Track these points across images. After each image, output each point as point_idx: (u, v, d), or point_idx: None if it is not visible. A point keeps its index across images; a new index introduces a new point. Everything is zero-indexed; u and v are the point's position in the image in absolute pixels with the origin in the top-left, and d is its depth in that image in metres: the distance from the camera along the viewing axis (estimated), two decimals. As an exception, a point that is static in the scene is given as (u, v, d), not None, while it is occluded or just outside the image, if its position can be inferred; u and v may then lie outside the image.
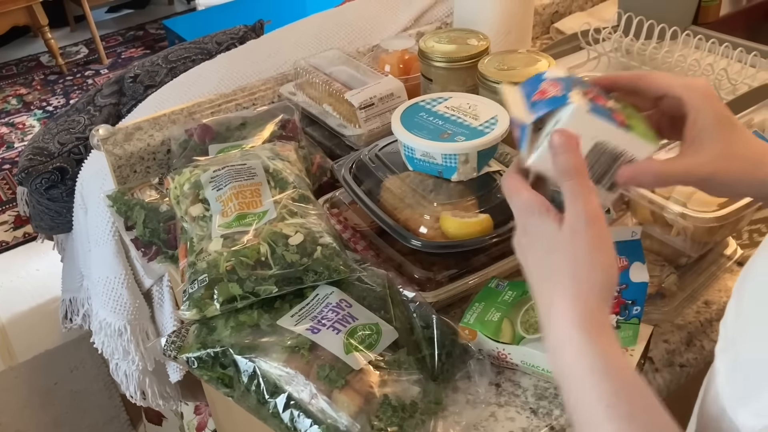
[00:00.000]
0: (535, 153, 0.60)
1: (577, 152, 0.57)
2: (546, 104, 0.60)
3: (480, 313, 0.81)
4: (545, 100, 0.61)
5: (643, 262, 0.71)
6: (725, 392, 0.47)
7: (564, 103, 0.59)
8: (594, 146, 0.60)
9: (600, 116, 0.59)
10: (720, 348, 0.49)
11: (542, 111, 0.60)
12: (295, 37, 1.45)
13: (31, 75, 3.93)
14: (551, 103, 0.60)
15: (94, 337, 1.31)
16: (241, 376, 0.76)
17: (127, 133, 1.11)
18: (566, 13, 1.53)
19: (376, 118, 1.07)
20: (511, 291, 0.83)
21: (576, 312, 0.52)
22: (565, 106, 0.59)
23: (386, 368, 0.75)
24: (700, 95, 0.62)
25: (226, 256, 0.81)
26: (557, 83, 0.61)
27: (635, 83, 0.65)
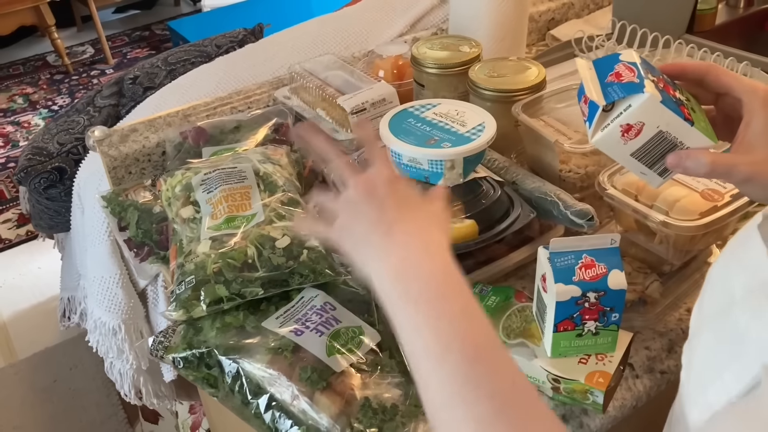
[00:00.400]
0: (600, 132, 0.68)
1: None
2: (621, 89, 0.66)
3: None
4: (620, 84, 0.66)
5: (621, 270, 0.72)
6: (682, 392, 0.49)
7: (639, 91, 0.65)
8: (657, 134, 0.67)
9: (669, 108, 0.65)
10: (685, 347, 0.51)
11: (618, 96, 0.66)
12: (292, 41, 1.46)
13: (37, 74, 3.96)
14: (626, 89, 0.66)
15: (89, 335, 1.32)
16: (225, 377, 0.77)
17: (123, 135, 1.13)
18: (562, 20, 1.54)
19: (368, 123, 1.08)
20: (494, 296, 0.84)
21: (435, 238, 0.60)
22: (639, 95, 0.65)
23: (368, 371, 0.76)
24: (761, 101, 0.65)
25: (213, 258, 0.83)
26: (632, 68, 0.67)
27: (703, 76, 0.70)
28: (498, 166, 0.97)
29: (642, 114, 0.65)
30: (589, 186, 0.96)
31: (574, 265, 0.72)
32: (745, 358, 0.42)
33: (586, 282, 0.71)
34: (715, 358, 0.45)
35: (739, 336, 0.43)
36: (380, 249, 0.59)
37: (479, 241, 0.86)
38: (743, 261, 0.47)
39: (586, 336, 0.74)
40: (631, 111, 0.65)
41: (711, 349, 0.46)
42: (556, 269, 0.72)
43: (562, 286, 0.71)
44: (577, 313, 0.73)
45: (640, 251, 0.90)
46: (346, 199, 0.63)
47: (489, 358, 0.50)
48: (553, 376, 0.75)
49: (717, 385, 0.44)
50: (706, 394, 0.45)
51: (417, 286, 0.55)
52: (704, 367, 0.46)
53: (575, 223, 0.86)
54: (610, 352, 0.76)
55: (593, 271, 0.72)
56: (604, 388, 0.73)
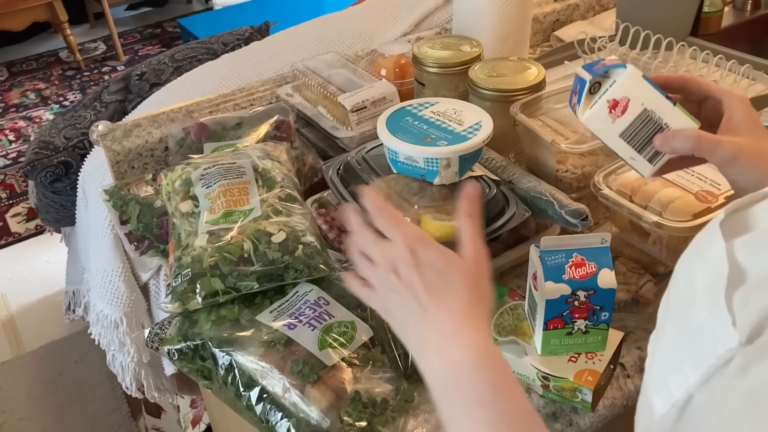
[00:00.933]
0: (589, 110, 0.74)
1: (479, 205, 0.67)
2: (606, 67, 0.72)
3: None
4: (606, 67, 0.72)
5: (611, 269, 0.72)
6: (645, 380, 0.50)
7: (622, 66, 0.71)
8: (642, 112, 0.71)
9: (651, 84, 0.70)
10: (651, 338, 0.52)
11: (602, 70, 0.72)
12: (297, 39, 1.47)
13: (49, 70, 3.99)
14: (611, 66, 0.71)
15: (92, 328, 1.34)
16: (219, 369, 0.78)
17: (126, 130, 1.14)
18: (567, 22, 1.54)
19: (368, 121, 1.09)
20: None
21: (468, 319, 0.60)
22: (622, 69, 0.71)
23: (359, 365, 0.77)
24: (739, 99, 0.73)
25: (210, 252, 0.84)
26: (617, 60, 0.73)
27: (685, 83, 0.77)
28: (495, 165, 0.97)
29: (626, 89, 0.70)
30: (585, 186, 0.96)
31: (565, 263, 0.73)
32: (702, 350, 0.43)
33: (576, 281, 0.72)
34: (677, 350, 0.47)
35: (698, 329, 0.44)
36: (417, 337, 0.62)
37: (474, 239, 0.86)
38: (705, 256, 0.48)
39: (576, 334, 0.75)
40: (616, 86, 0.70)
41: (673, 340, 0.48)
42: (547, 267, 0.73)
43: (552, 285, 0.72)
44: (567, 311, 0.73)
45: (635, 251, 0.91)
46: (377, 277, 0.65)
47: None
48: (543, 373, 0.76)
49: (677, 375, 0.45)
50: (667, 384, 0.46)
51: (454, 383, 0.58)
52: (666, 358, 0.48)
53: (569, 222, 0.87)
54: (600, 351, 0.76)
55: (583, 269, 0.72)
56: (593, 387, 0.74)
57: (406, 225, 0.65)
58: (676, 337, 0.47)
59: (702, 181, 0.86)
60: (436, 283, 0.62)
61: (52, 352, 2.26)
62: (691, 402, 0.44)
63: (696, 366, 0.43)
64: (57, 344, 2.28)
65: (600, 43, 1.30)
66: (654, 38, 1.25)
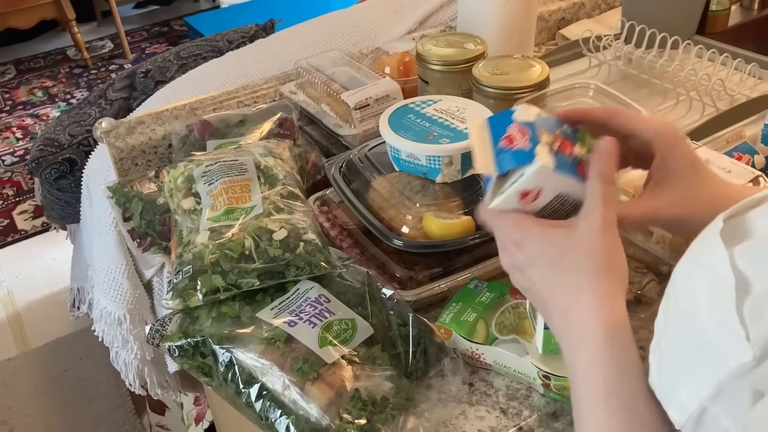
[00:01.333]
0: (499, 198, 0.63)
1: (614, 163, 0.60)
2: (512, 158, 0.62)
3: (456, 313, 0.82)
4: (512, 152, 0.62)
5: None
6: (654, 391, 0.49)
7: (529, 161, 0.60)
8: (555, 197, 0.63)
9: (564, 172, 0.61)
10: (652, 347, 0.51)
11: (508, 167, 0.62)
12: (301, 37, 1.47)
13: (57, 68, 4.01)
14: (517, 159, 0.61)
15: (95, 325, 1.34)
16: (219, 366, 0.78)
17: (130, 127, 1.14)
18: (573, 20, 1.53)
19: (371, 119, 1.09)
20: (489, 293, 0.84)
21: (602, 307, 0.57)
22: (530, 165, 0.60)
23: (359, 363, 0.77)
24: (669, 140, 0.64)
25: (211, 249, 0.84)
26: (525, 130, 0.62)
27: (606, 120, 0.67)
28: (498, 163, 0.97)
29: (537, 181, 0.61)
30: (588, 185, 0.95)
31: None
32: (711, 362, 0.43)
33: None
34: (685, 362, 0.46)
35: (707, 341, 0.44)
36: (562, 336, 0.60)
37: (475, 237, 0.86)
38: (705, 266, 0.47)
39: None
40: (525, 179, 0.61)
41: (680, 351, 0.47)
42: None
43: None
44: None
45: (638, 251, 0.90)
46: (511, 276, 0.65)
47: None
48: (544, 372, 0.76)
49: (689, 387, 0.45)
50: (679, 395, 0.46)
51: (598, 385, 0.55)
52: (674, 368, 0.47)
53: (572, 221, 0.86)
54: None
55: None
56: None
57: (504, 221, 0.63)
58: (682, 348, 0.46)
59: (706, 180, 0.85)
60: (552, 273, 0.59)
61: (57, 349, 2.27)
62: (705, 415, 0.43)
63: (707, 379, 0.43)
64: (62, 341, 2.29)
65: (605, 42, 1.30)
66: (660, 36, 1.24)
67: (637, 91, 1.25)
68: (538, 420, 0.77)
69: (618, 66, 1.30)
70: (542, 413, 0.77)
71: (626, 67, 1.28)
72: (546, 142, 0.62)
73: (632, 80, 1.28)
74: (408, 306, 0.83)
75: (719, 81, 1.14)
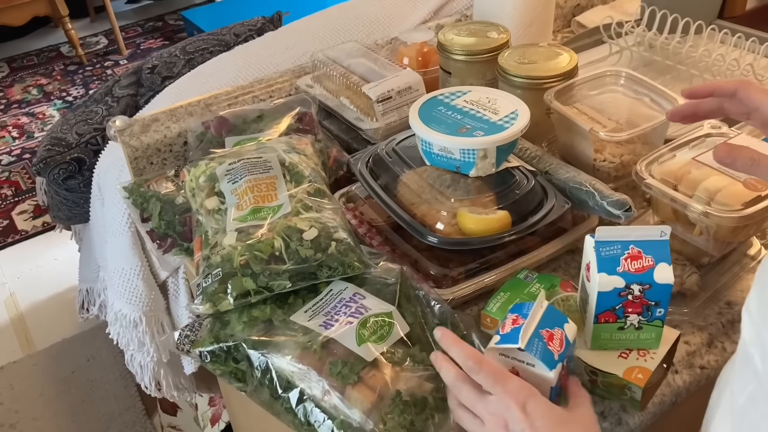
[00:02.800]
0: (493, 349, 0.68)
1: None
2: (541, 353, 0.66)
3: (504, 303, 0.80)
4: (544, 349, 0.66)
5: (669, 263, 0.69)
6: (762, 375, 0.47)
7: (548, 368, 0.65)
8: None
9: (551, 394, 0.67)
10: (750, 338, 0.49)
11: (534, 354, 0.66)
12: (312, 29, 1.44)
13: (51, 65, 3.95)
14: (543, 358, 0.66)
15: (110, 327, 1.31)
16: (255, 371, 0.75)
17: (144, 125, 1.11)
18: (588, 6, 1.51)
19: (394, 112, 1.06)
20: (539, 283, 0.81)
21: None
22: (546, 371, 0.66)
23: (398, 363, 0.74)
24: None
25: (240, 251, 0.81)
26: (563, 343, 0.68)
27: (733, 92, 0.76)
28: (530, 155, 0.94)
29: (532, 381, 0.65)
30: (624, 175, 0.93)
31: (620, 255, 0.70)
32: None
33: (631, 274, 0.69)
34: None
35: None
36: None
37: (512, 232, 0.83)
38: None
39: (629, 330, 0.72)
40: (527, 369, 0.66)
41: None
42: (601, 258, 0.70)
43: (606, 276, 0.69)
44: (619, 305, 0.70)
45: (677, 242, 0.88)
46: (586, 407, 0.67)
47: None
48: (591, 368, 0.73)
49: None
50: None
51: None
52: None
53: (612, 213, 0.84)
54: (654, 349, 0.73)
55: (639, 262, 0.69)
56: (643, 384, 0.71)
57: (509, 379, 0.64)
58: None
59: (749, 168, 0.82)
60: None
61: (63, 351, 2.24)
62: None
63: None
64: (68, 342, 2.26)
65: (626, 28, 1.27)
66: (683, 22, 1.21)
67: (661, 77, 1.22)
68: (586, 420, 0.74)
69: (640, 52, 1.27)
70: (589, 413, 0.75)
71: (649, 53, 1.26)
72: (562, 365, 0.67)
73: (654, 66, 1.25)
74: (446, 304, 0.81)
75: (748, 66, 1.12)
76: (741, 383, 0.51)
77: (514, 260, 0.87)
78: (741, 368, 0.52)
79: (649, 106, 0.95)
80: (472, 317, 0.85)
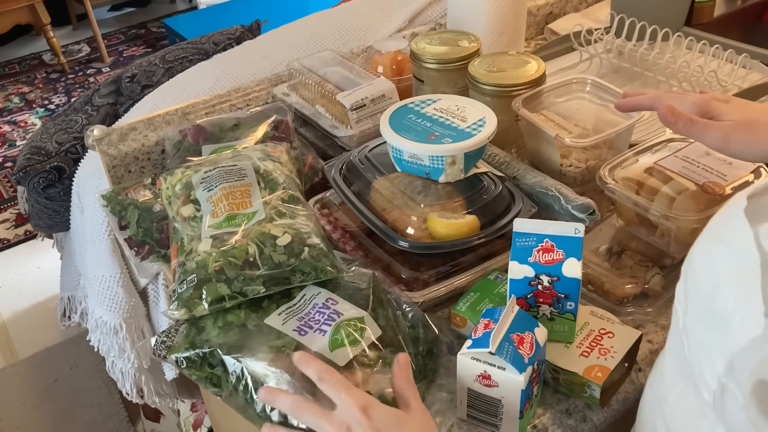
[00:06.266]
0: (465, 354, 0.71)
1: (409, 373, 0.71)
2: (512, 357, 0.69)
3: (473, 302, 0.82)
4: (515, 352, 0.69)
5: (578, 259, 0.72)
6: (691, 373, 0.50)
7: (518, 372, 0.68)
8: (499, 399, 0.71)
9: (521, 398, 0.70)
10: (674, 330, 0.54)
11: (505, 358, 0.68)
12: (290, 38, 1.46)
13: (33, 73, 3.95)
14: (514, 361, 0.69)
15: (90, 334, 1.32)
16: (229, 376, 0.77)
17: (122, 134, 1.12)
18: (560, 14, 1.53)
19: (368, 119, 1.08)
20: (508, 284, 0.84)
21: None
22: (516, 375, 0.68)
23: (370, 365, 0.76)
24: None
25: (214, 257, 0.82)
26: (533, 347, 0.70)
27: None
28: (499, 161, 0.97)
29: (503, 384, 0.69)
30: (590, 180, 0.96)
31: (534, 246, 0.74)
32: (726, 337, 0.44)
33: (541, 265, 0.73)
34: (705, 339, 0.47)
35: (725, 318, 0.45)
36: None
37: (480, 236, 0.86)
38: (729, 244, 0.48)
39: (542, 320, 0.76)
40: (498, 372, 0.68)
41: (701, 330, 0.48)
42: (516, 248, 0.74)
43: (517, 265, 0.73)
44: (531, 293, 0.74)
45: (641, 245, 0.90)
46: (422, 411, 0.69)
47: None
48: (552, 366, 0.76)
49: (709, 365, 0.46)
50: (704, 374, 0.47)
51: None
52: (698, 348, 0.48)
53: (577, 217, 0.86)
54: (569, 341, 0.76)
55: (550, 255, 0.73)
56: (602, 383, 0.73)
57: (352, 389, 0.67)
58: (703, 327, 0.48)
59: (708, 172, 0.85)
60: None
61: (46, 359, 2.24)
62: (725, 392, 0.44)
63: (722, 354, 0.44)
64: (51, 351, 2.26)
65: (596, 35, 1.30)
66: (650, 29, 1.25)
67: (629, 84, 1.25)
68: (551, 418, 0.76)
69: (609, 59, 1.30)
70: (555, 411, 0.77)
71: (617, 60, 1.29)
72: (533, 367, 0.71)
73: (623, 73, 1.28)
74: (416, 307, 0.83)
75: (712, 72, 1.15)
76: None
77: (483, 263, 0.89)
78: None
79: (614, 112, 0.98)
80: (444, 319, 0.87)
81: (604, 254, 0.91)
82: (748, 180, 0.84)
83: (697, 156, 0.88)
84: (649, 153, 0.91)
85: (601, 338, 0.77)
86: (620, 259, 0.90)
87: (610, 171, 0.88)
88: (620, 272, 0.88)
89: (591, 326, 0.79)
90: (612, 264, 0.89)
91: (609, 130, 0.94)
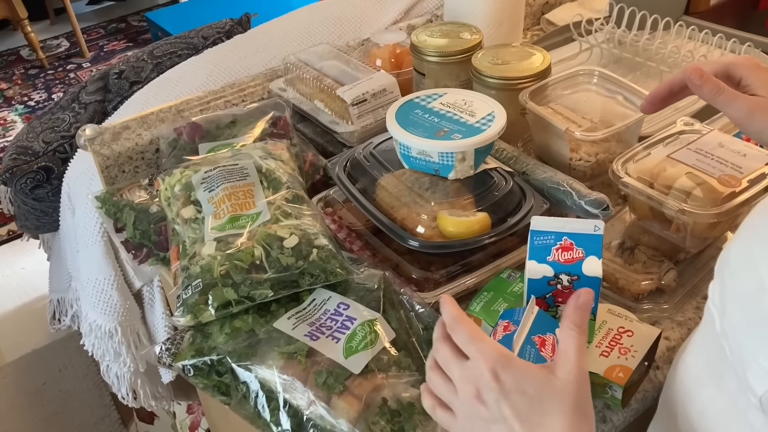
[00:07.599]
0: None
1: (588, 316, 0.61)
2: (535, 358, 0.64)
3: (487, 302, 0.80)
4: (537, 354, 0.64)
5: (599, 258, 0.70)
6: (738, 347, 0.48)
7: None
8: None
9: None
10: (702, 333, 0.54)
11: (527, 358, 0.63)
12: (283, 31, 1.43)
13: (11, 69, 3.87)
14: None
15: (84, 339, 1.29)
16: (239, 385, 0.74)
17: (115, 133, 1.09)
18: (557, 4, 1.52)
19: (369, 115, 1.05)
20: (522, 283, 0.82)
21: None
22: None
23: (385, 370, 0.74)
24: (751, 66, 0.75)
25: (220, 260, 0.80)
26: (555, 347, 0.64)
27: None
28: (507, 156, 0.95)
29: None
30: (599, 174, 0.94)
31: (552, 245, 0.71)
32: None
33: (560, 264, 0.70)
34: (750, 343, 0.46)
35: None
36: None
37: (492, 234, 0.84)
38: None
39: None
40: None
41: (743, 331, 0.47)
42: (533, 247, 0.71)
43: (536, 264, 0.70)
44: (549, 293, 0.71)
45: (654, 239, 0.89)
46: (460, 404, 0.58)
47: None
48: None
49: (755, 370, 0.45)
50: (747, 380, 0.46)
51: None
52: (741, 352, 0.47)
53: (590, 212, 0.84)
54: (588, 341, 0.74)
55: (570, 254, 0.70)
56: (623, 383, 0.72)
57: (485, 341, 0.57)
58: (746, 328, 0.46)
59: (723, 164, 0.84)
60: (530, 412, 0.55)
61: (34, 362, 2.20)
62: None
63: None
64: (39, 353, 2.22)
65: (596, 25, 1.28)
66: (651, 18, 1.23)
67: (632, 74, 1.23)
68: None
69: (609, 49, 1.28)
70: (574, 412, 0.75)
71: (618, 50, 1.27)
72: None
73: (625, 63, 1.27)
74: (430, 308, 0.81)
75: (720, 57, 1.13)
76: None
77: (495, 261, 0.87)
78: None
79: (622, 104, 0.96)
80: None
81: (615, 249, 0.90)
82: (764, 172, 0.82)
83: (711, 148, 0.86)
84: (661, 146, 0.89)
85: (620, 337, 0.75)
86: (633, 254, 0.88)
87: (623, 165, 0.86)
88: (633, 268, 0.86)
89: (609, 325, 0.77)
90: (625, 259, 0.88)
91: (617, 122, 0.92)
